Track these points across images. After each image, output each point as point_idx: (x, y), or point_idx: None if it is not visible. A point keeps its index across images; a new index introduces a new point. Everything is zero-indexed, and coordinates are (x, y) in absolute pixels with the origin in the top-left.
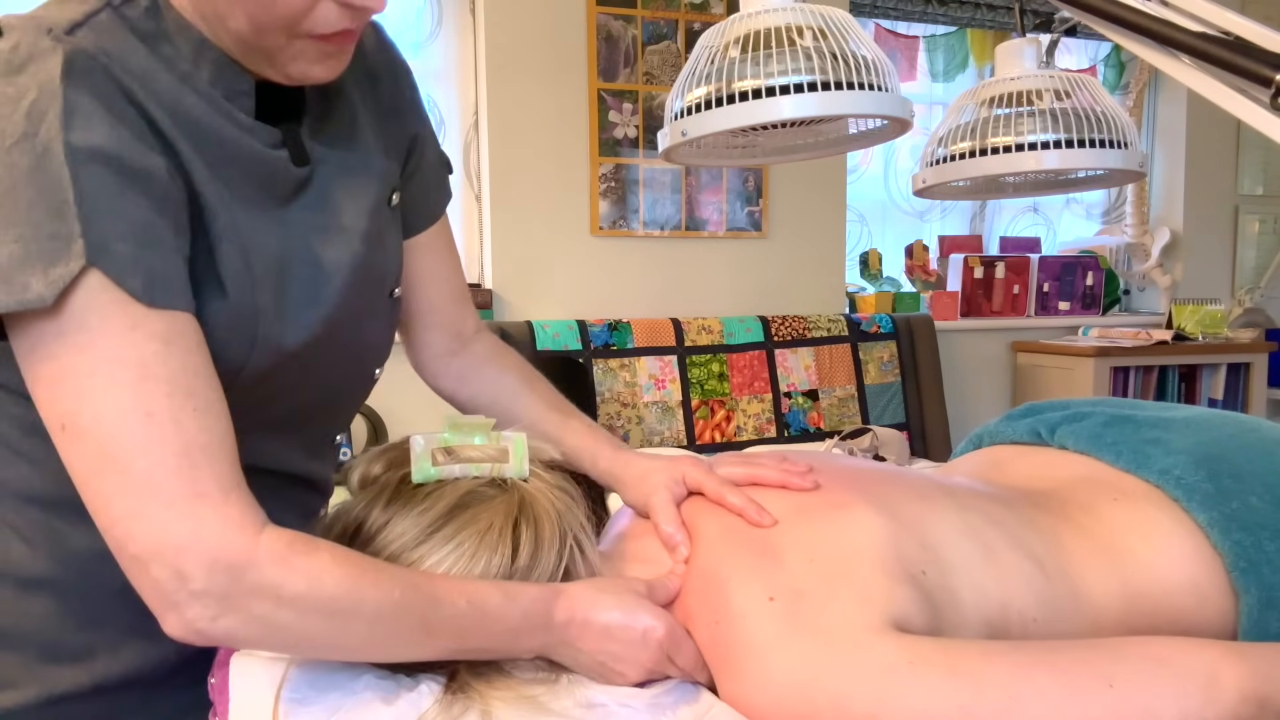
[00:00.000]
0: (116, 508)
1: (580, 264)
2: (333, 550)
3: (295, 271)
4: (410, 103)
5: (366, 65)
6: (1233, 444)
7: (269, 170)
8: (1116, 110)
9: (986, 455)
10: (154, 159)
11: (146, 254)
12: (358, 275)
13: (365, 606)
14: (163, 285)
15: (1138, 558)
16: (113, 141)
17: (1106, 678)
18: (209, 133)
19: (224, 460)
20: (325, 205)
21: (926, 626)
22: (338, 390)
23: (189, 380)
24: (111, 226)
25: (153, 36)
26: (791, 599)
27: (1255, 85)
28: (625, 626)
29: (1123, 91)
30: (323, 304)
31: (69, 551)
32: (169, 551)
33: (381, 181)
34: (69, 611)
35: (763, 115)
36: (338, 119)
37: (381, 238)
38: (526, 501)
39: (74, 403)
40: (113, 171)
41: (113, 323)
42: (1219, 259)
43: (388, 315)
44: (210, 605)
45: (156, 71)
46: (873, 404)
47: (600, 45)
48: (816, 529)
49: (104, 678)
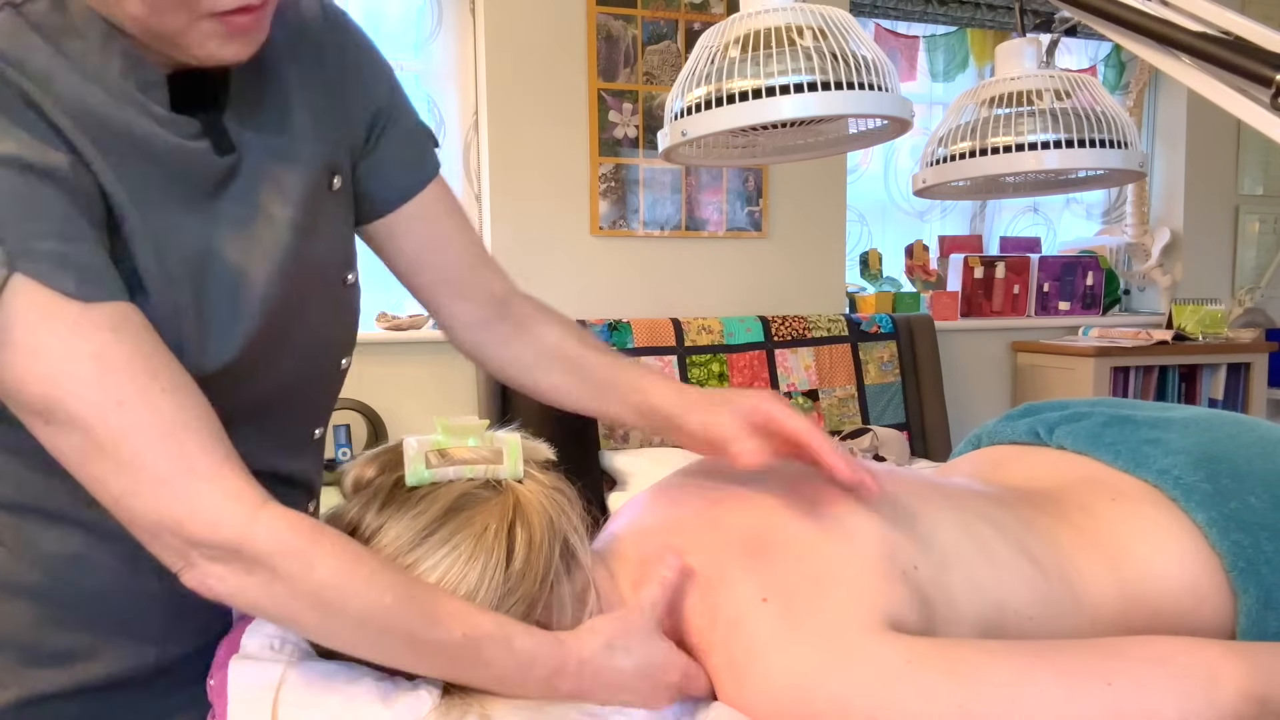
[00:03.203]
0: (114, 488)
1: (580, 264)
2: (337, 539)
3: (215, 270)
4: (365, 76)
5: (309, 41)
6: (1231, 444)
7: (188, 163)
8: (1116, 110)
9: (985, 455)
10: (56, 155)
11: (72, 250)
12: (287, 268)
13: (352, 604)
14: (95, 279)
15: (1136, 558)
16: (10, 145)
17: (1106, 677)
18: (117, 130)
19: (207, 434)
20: (252, 195)
21: (920, 624)
22: (298, 384)
23: (148, 363)
24: (30, 227)
25: (57, 32)
26: (785, 599)
27: (1255, 85)
28: (637, 678)
29: (1123, 91)
30: (246, 301)
31: (42, 555)
32: (172, 523)
33: (316, 165)
34: (47, 614)
35: (763, 115)
36: (268, 102)
37: (316, 225)
38: (521, 503)
39: (44, 404)
40: (17, 173)
41: (54, 323)
42: (1219, 259)
43: (343, 304)
44: (218, 566)
45: (60, 71)
46: (873, 404)
47: (600, 45)
48: (807, 526)
49: (85, 679)
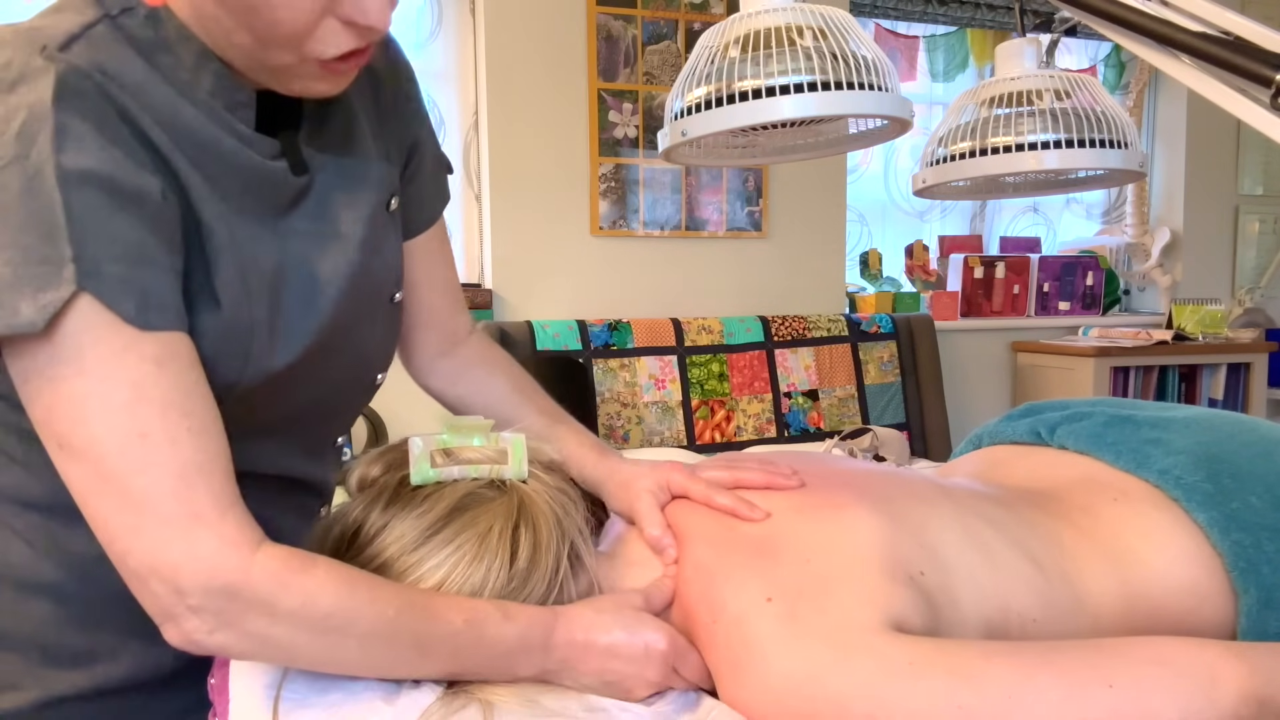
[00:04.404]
0: (115, 524)
1: (580, 264)
2: (329, 567)
3: (291, 284)
4: (412, 105)
5: (367, 67)
6: (1232, 444)
7: (268, 181)
8: (1116, 110)
9: (986, 455)
10: (147, 178)
11: (139, 275)
12: (354, 284)
13: (358, 625)
14: (156, 306)
15: (1137, 558)
16: (104, 163)
17: (1107, 678)
18: (207, 145)
19: (220, 478)
20: (323, 214)
21: (925, 627)
22: (336, 396)
23: (183, 400)
24: (103, 249)
25: (151, 46)
26: (790, 599)
27: (1255, 85)
28: (628, 644)
29: (1123, 91)
30: (317, 315)
31: (69, 555)
32: (166, 569)
33: (380, 187)
34: (69, 614)
35: (763, 115)
36: (336, 124)
37: (380, 244)
38: (526, 503)
39: (69, 425)
40: (105, 193)
41: (105, 346)
42: (1219, 259)
43: (388, 320)
44: (206, 620)
45: (153, 84)
46: (873, 404)
47: (600, 45)
48: (814, 529)
49: (104, 680)
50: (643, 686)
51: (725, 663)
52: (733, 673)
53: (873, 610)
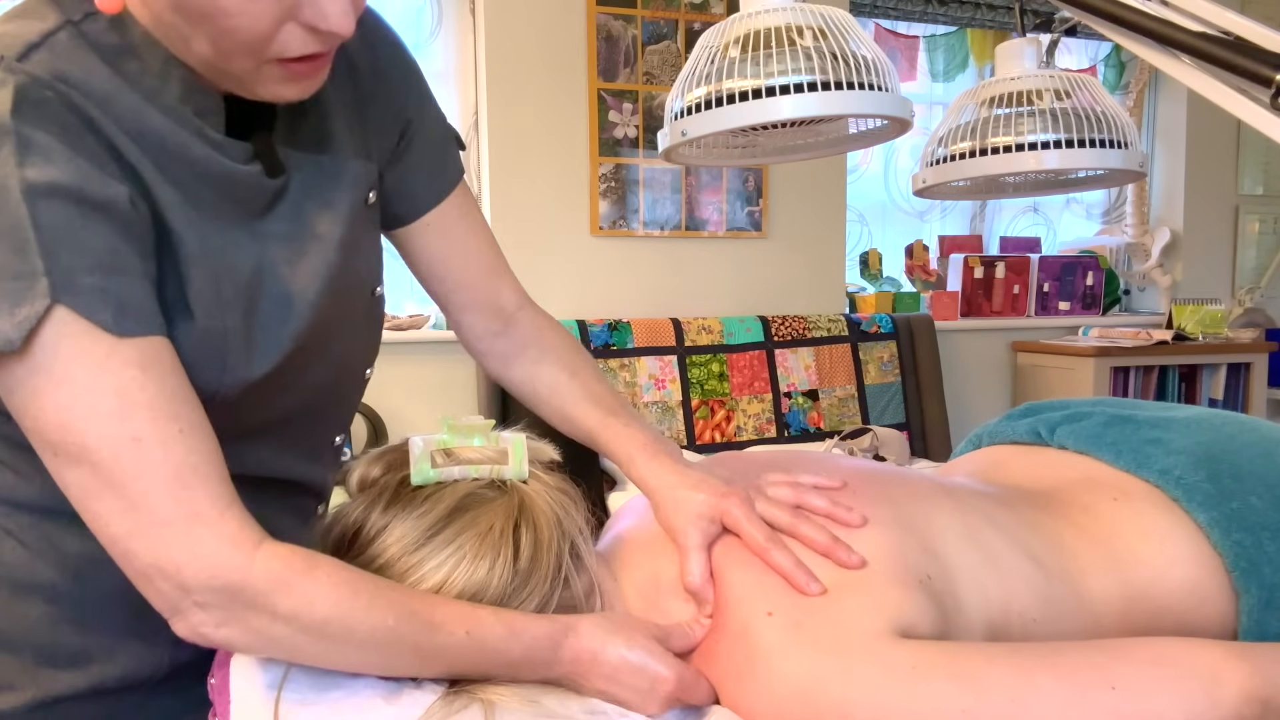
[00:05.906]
0: (115, 528)
1: (580, 264)
2: (330, 569)
3: (268, 290)
4: (395, 80)
5: (344, 54)
6: (1233, 444)
7: (241, 186)
8: (1117, 110)
9: (986, 455)
10: (115, 187)
11: (113, 284)
12: (333, 286)
13: (356, 633)
14: (134, 313)
15: (1138, 558)
16: (71, 174)
17: (1109, 680)
18: (176, 152)
19: (215, 478)
20: (300, 215)
21: (934, 631)
22: (324, 397)
23: (170, 403)
24: (76, 260)
25: (116, 52)
26: (794, 611)
27: (1255, 85)
28: (635, 672)
29: (1123, 91)
30: (295, 322)
31: (64, 555)
32: (170, 567)
33: (357, 184)
34: (64, 614)
35: (762, 115)
36: (310, 121)
37: (359, 242)
38: (526, 504)
39: (60, 435)
40: (73, 204)
41: (87, 356)
42: (1219, 259)
43: (372, 315)
44: (213, 614)
45: (119, 92)
46: (873, 404)
47: (600, 45)
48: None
49: (100, 680)
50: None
51: (729, 674)
52: (736, 682)
53: (879, 617)
